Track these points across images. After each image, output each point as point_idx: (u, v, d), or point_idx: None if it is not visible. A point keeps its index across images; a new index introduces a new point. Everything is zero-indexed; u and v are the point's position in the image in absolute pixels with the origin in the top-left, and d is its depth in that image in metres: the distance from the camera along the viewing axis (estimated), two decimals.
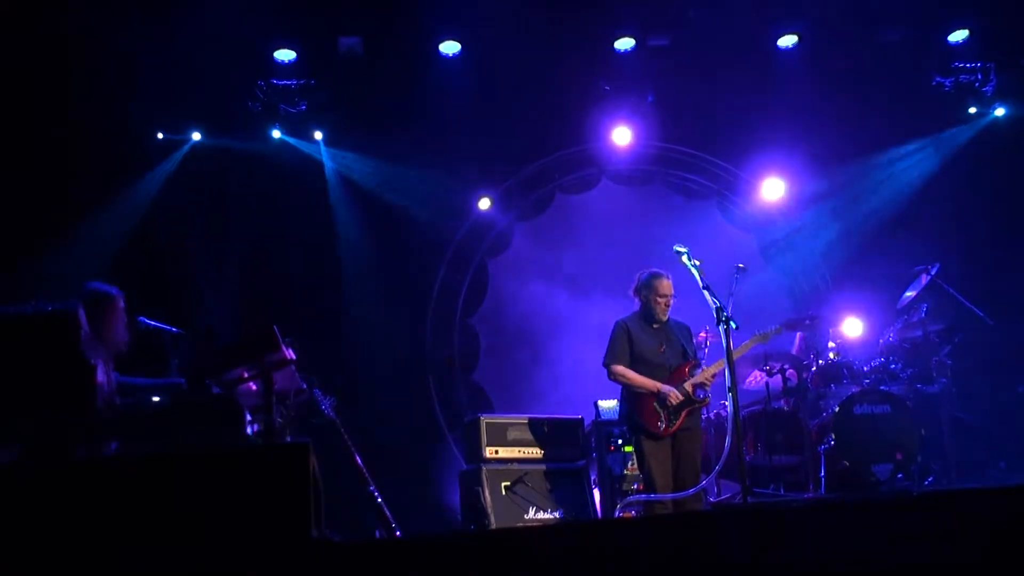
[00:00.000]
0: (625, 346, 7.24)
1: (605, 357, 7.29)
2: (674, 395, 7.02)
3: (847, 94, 10.56)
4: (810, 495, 8.46)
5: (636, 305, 7.41)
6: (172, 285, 9.42)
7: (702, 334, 8.24)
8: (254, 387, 5.69)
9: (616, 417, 8.51)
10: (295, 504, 3.65)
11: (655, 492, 6.96)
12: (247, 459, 3.88)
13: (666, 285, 7.25)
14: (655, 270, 7.33)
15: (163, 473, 3.82)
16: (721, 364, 7.07)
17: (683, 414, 7.05)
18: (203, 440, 4.86)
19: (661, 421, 7.02)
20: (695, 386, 7.10)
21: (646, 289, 7.28)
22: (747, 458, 8.42)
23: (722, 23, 10.16)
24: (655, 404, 7.05)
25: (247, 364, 5.49)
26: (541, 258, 11.05)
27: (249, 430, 5.20)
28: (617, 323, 7.38)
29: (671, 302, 7.26)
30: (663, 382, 7.10)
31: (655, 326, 7.30)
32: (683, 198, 11.46)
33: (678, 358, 7.27)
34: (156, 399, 5.66)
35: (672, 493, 6.93)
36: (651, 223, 10.80)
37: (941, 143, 11.15)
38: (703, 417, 7.76)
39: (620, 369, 7.20)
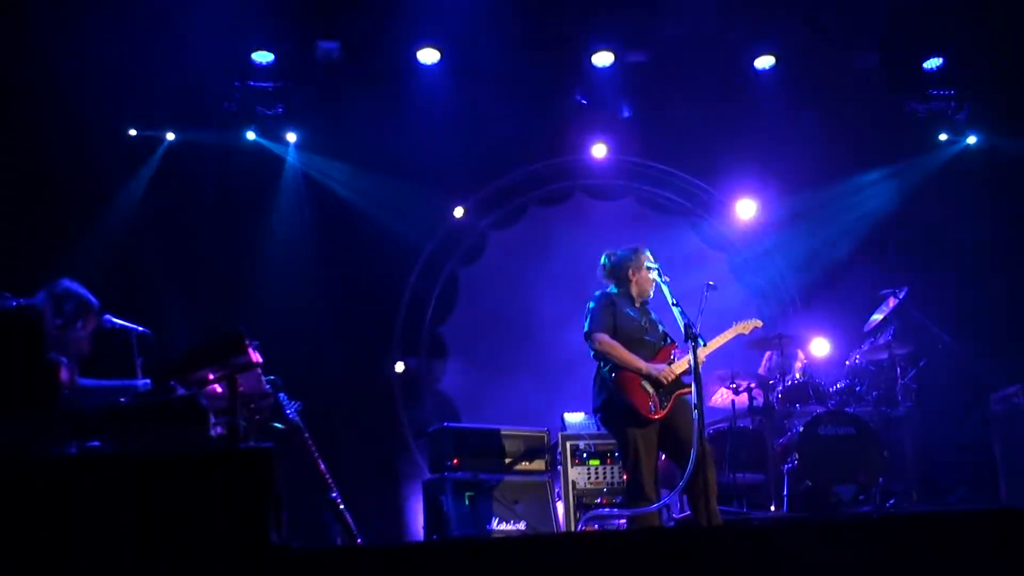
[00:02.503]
0: (610, 317, 6.62)
1: (588, 324, 6.64)
2: (668, 371, 6.47)
3: (822, 117, 10.63)
4: (772, 514, 8.50)
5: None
6: (140, 284, 9.34)
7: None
8: (219, 389, 5.65)
9: (582, 431, 8.53)
10: (255, 509, 3.61)
11: (640, 486, 6.35)
12: (208, 462, 3.84)
13: (650, 255, 6.84)
14: (633, 245, 6.93)
15: (122, 474, 3.78)
16: (715, 343, 6.86)
17: (673, 397, 6.50)
18: (166, 442, 4.81)
19: (652, 403, 6.43)
20: (682, 372, 6.60)
21: (629, 264, 6.82)
22: None
23: (700, 42, 10.23)
24: (643, 384, 6.47)
25: (213, 366, 5.45)
26: (513, 269, 11.06)
27: (213, 433, 5.16)
28: (600, 293, 6.85)
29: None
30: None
31: (637, 304, 6.82)
32: (656, 214, 11.50)
33: (661, 340, 6.79)
34: (122, 400, 5.60)
35: (654, 486, 6.39)
36: (624, 238, 10.77)
37: (913, 168, 11.26)
38: None
39: (606, 338, 6.53)
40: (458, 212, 10.89)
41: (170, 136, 10.00)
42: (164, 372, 5.34)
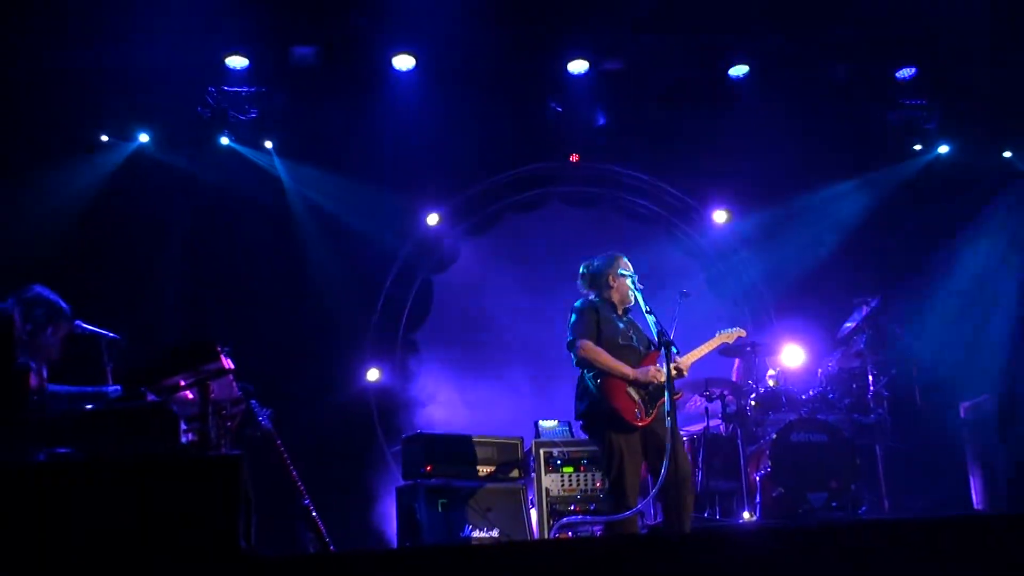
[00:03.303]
0: (593, 326, 6.51)
1: (571, 334, 6.51)
2: (654, 371, 6.39)
3: (796, 126, 10.69)
4: (745, 521, 8.52)
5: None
6: (112, 289, 9.27)
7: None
8: (190, 396, 5.62)
9: (555, 438, 8.53)
10: (225, 517, 3.59)
11: (623, 493, 6.27)
12: (177, 469, 3.82)
13: (627, 262, 6.77)
14: (611, 252, 6.86)
15: (91, 481, 3.75)
16: (699, 352, 6.85)
17: (658, 404, 6.39)
18: (136, 448, 4.78)
19: (638, 410, 6.36)
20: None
21: (609, 272, 6.73)
22: None
23: (675, 51, 10.27)
24: (628, 391, 6.39)
25: (184, 372, 5.42)
26: (488, 276, 11.04)
27: (184, 439, 5.13)
28: (583, 301, 6.73)
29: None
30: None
31: (620, 312, 6.74)
32: (631, 222, 11.53)
33: (646, 346, 6.70)
34: (89, 407, 5.56)
35: (636, 494, 6.35)
36: (599, 245, 10.79)
37: (886, 177, 11.34)
38: None
39: (591, 346, 6.42)
40: (432, 219, 10.88)
41: (144, 139, 9.93)
42: (135, 378, 5.31)
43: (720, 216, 11.32)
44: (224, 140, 10.03)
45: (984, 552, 4.07)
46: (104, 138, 9.84)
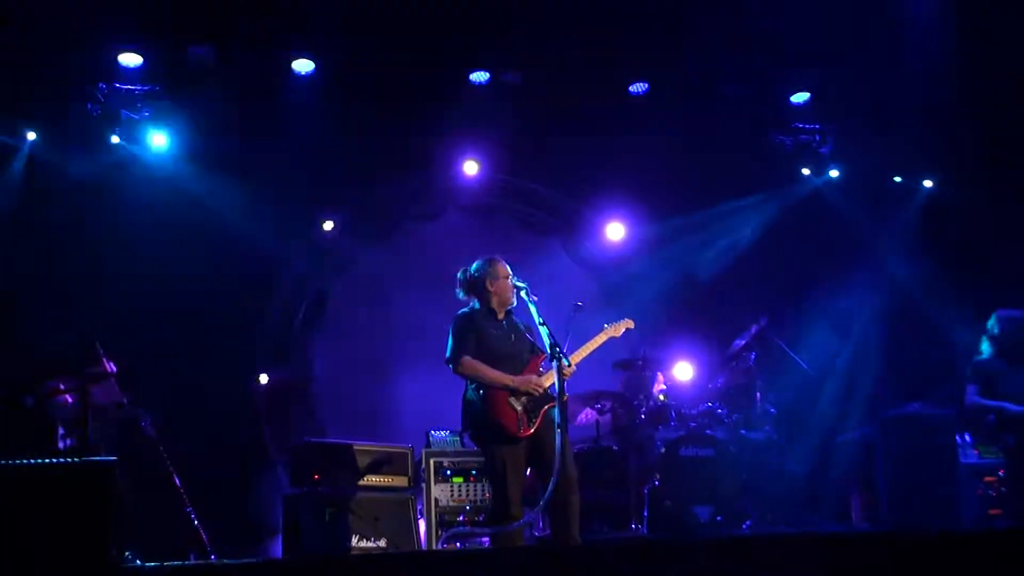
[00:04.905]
0: (471, 339, 6.47)
1: (450, 351, 6.47)
2: (537, 381, 6.37)
3: (692, 145, 10.85)
4: (632, 533, 8.60)
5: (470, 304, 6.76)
6: None
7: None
8: (70, 400, 5.47)
9: (446, 448, 8.51)
10: (95, 526, 3.47)
11: (507, 504, 6.21)
12: (47, 476, 3.67)
13: (505, 265, 6.69)
14: (486, 256, 6.76)
15: None
16: (588, 348, 6.82)
17: (542, 412, 6.38)
18: (11, 454, 4.61)
19: (520, 420, 6.31)
20: (551, 384, 6.44)
21: (487, 276, 6.64)
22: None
23: (575, 64, 10.35)
24: (510, 402, 6.34)
25: (64, 376, 5.28)
26: (384, 284, 10.98)
27: (62, 444, 4.99)
28: (459, 314, 6.66)
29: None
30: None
31: (500, 318, 6.65)
32: (528, 234, 11.57)
33: (528, 351, 6.64)
34: None
35: (520, 506, 6.28)
36: (496, 256, 10.85)
37: (778, 198, 11.59)
38: None
39: (471, 361, 6.39)
40: (328, 225, 10.75)
41: (31, 136, 9.63)
42: (13, 382, 5.15)
43: (615, 230, 11.43)
44: (115, 139, 9.76)
45: (861, 567, 4.16)
46: None
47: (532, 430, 6.35)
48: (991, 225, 10.78)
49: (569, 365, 6.30)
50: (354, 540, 7.81)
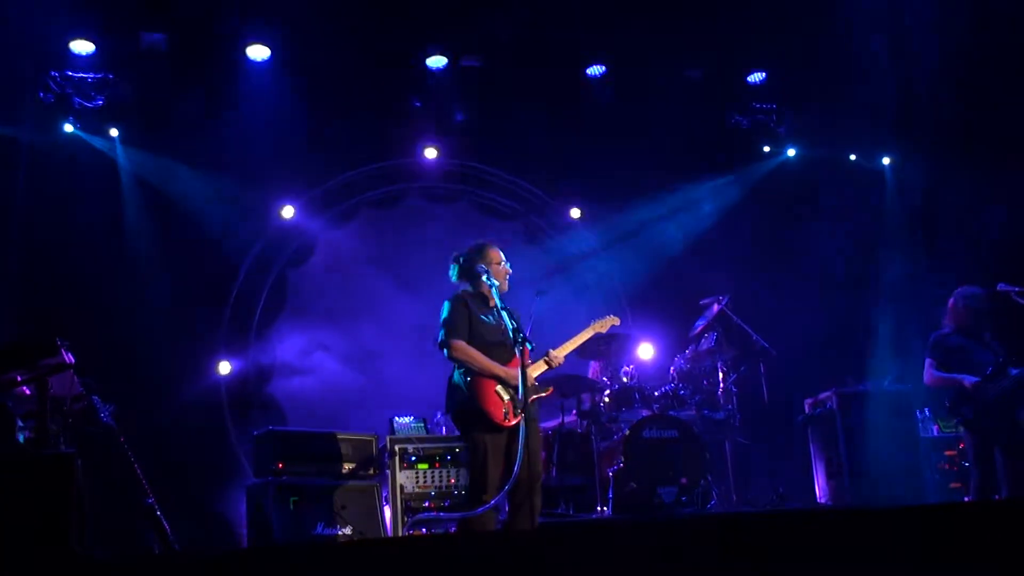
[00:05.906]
0: (465, 324, 6.38)
1: (442, 332, 6.37)
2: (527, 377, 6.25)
3: (651, 125, 10.88)
4: (598, 515, 8.63)
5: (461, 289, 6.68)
6: None
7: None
8: (28, 392, 5.40)
9: (410, 433, 8.49)
10: (55, 517, 3.43)
11: (484, 490, 6.16)
12: (3, 467, 3.63)
13: (499, 250, 6.68)
14: (479, 241, 6.75)
15: None
16: (574, 342, 6.84)
17: (528, 403, 6.31)
18: None
19: (506, 409, 6.27)
20: (537, 374, 6.55)
21: (480, 261, 6.57)
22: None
23: (534, 48, 10.34)
24: (497, 391, 6.31)
25: (21, 368, 5.20)
26: (346, 270, 10.92)
27: (20, 437, 4.92)
28: (454, 296, 6.53)
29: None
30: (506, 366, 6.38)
31: (491, 304, 6.55)
32: (490, 218, 11.55)
33: (519, 341, 6.35)
34: None
35: (497, 493, 6.18)
36: (457, 241, 10.78)
37: (737, 179, 11.66)
38: None
39: (463, 346, 6.31)
40: (287, 212, 10.67)
41: None
42: None
43: (575, 213, 11.46)
44: (68, 127, 9.63)
45: (826, 544, 4.18)
46: None
47: (518, 419, 6.28)
48: (951, 201, 10.88)
49: (549, 360, 6.49)
50: (319, 528, 7.78)
